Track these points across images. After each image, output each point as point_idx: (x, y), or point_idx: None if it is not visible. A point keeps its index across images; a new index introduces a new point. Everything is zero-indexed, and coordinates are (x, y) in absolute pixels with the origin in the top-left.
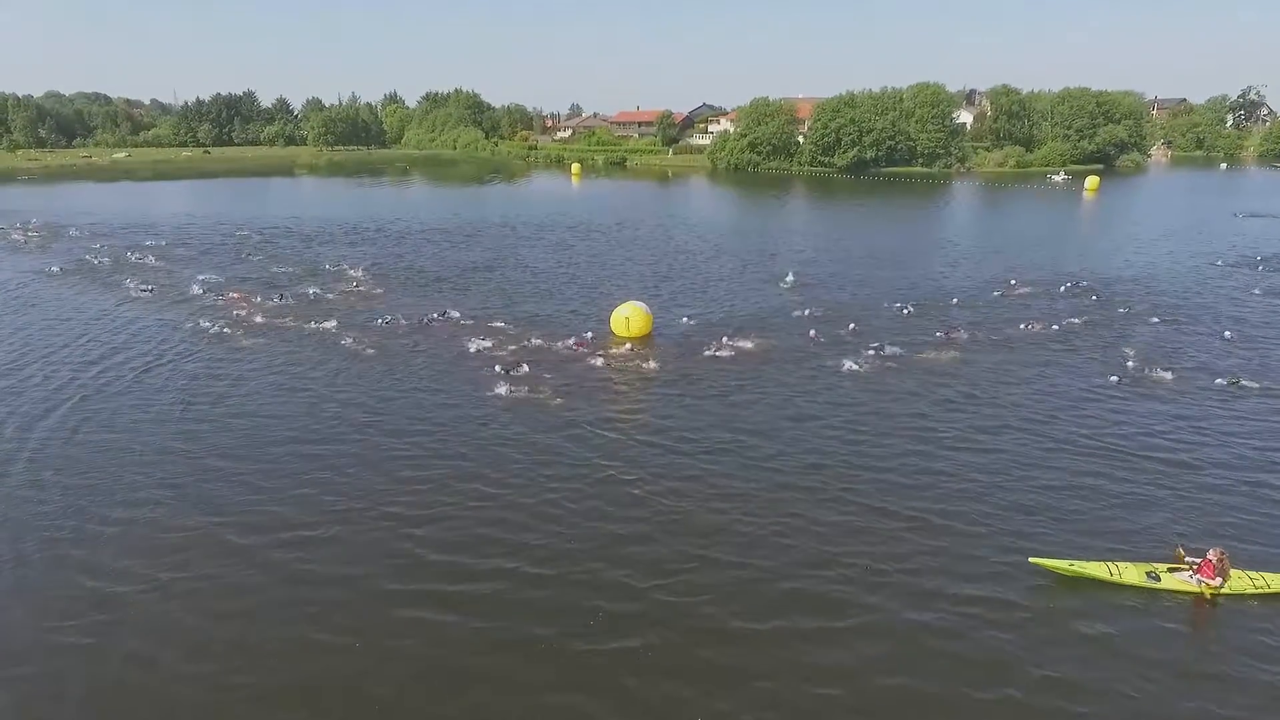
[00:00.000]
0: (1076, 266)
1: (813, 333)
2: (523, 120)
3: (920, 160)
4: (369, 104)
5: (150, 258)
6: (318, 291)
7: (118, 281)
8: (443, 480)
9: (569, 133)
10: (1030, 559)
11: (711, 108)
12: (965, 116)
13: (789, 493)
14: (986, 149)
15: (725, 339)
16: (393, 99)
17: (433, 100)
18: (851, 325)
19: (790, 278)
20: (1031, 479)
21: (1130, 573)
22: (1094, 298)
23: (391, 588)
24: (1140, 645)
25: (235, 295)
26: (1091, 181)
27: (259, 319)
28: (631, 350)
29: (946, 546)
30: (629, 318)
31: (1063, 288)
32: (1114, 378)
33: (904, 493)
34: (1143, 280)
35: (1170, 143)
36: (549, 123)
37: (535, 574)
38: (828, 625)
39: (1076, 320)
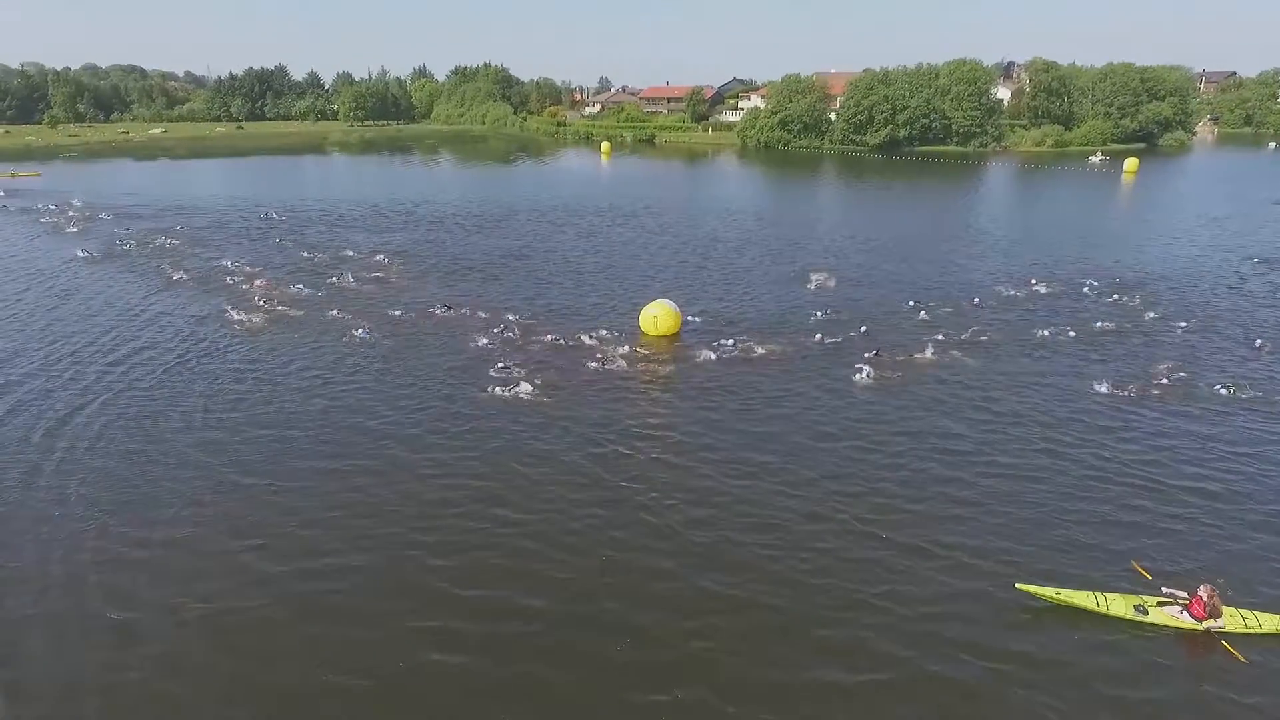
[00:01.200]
0: (1106, 261)
1: (818, 336)
2: (551, 95)
3: (955, 139)
4: (398, 78)
5: (182, 243)
6: (342, 281)
7: (149, 268)
8: (461, 502)
9: (598, 108)
10: (1017, 585)
11: (742, 82)
12: (1003, 92)
13: (819, 525)
14: (1024, 127)
15: (743, 342)
16: (422, 73)
17: (462, 75)
18: (863, 328)
19: (813, 283)
20: (1035, 508)
21: (1118, 604)
22: (1120, 298)
23: (412, 625)
24: (1122, 680)
25: (261, 284)
26: (1130, 163)
27: (283, 308)
28: (656, 352)
29: (983, 590)
30: (658, 317)
31: (1086, 287)
32: (1129, 391)
33: (906, 518)
34: (1175, 278)
35: (1217, 119)
36: (577, 96)
37: (557, 614)
38: (861, 679)
39: (1099, 325)
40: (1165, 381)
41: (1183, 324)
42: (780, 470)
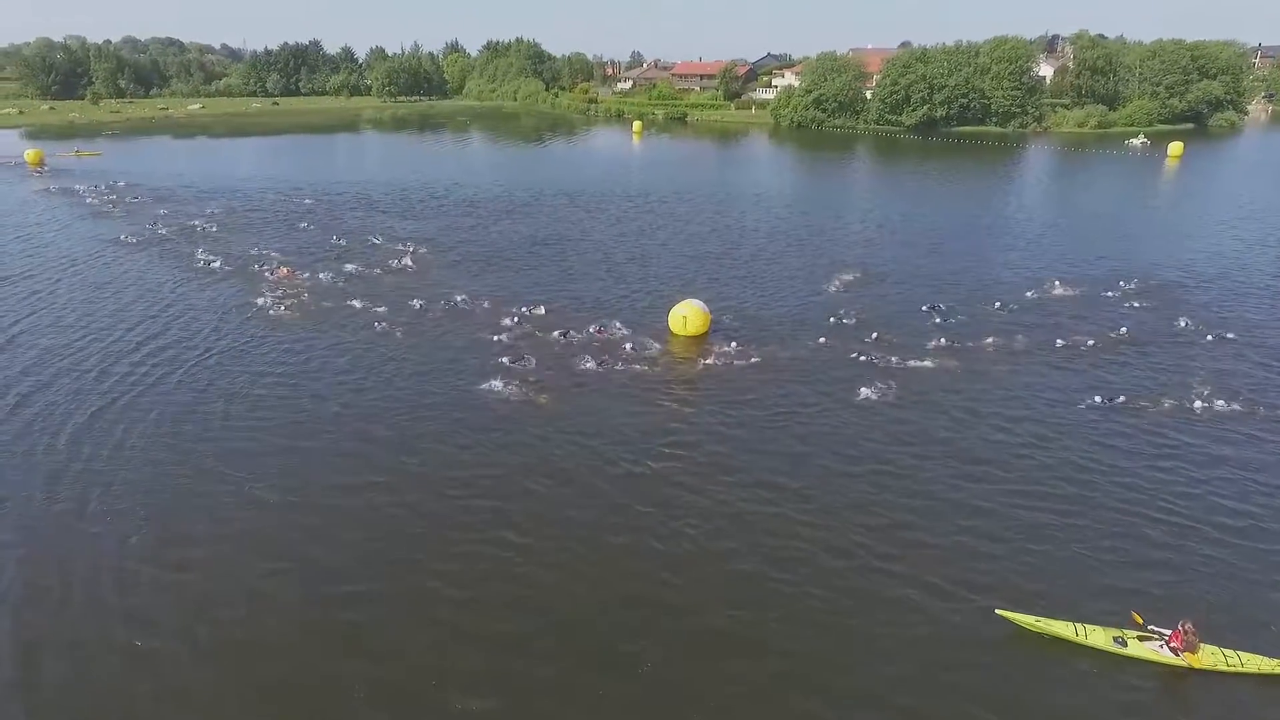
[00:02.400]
0: (1139, 258)
1: (822, 339)
2: (583, 70)
3: (994, 119)
4: (431, 54)
5: (215, 228)
6: (367, 269)
7: (182, 255)
8: (479, 526)
9: (629, 84)
10: (997, 611)
11: (776, 58)
12: (1045, 70)
13: (837, 560)
14: (1066, 107)
15: (766, 348)
16: (454, 48)
17: (494, 50)
18: (875, 335)
19: (839, 284)
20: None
21: (1097, 635)
22: (1150, 303)
23: (428, 662)
24: (1099, 714)
25: (286, 272)
26: (1175, 148)
27: (308, 297)
28: (681, 355)
29: (1021, 660)
30: (686, 317)
31: (1115, 290)
32: (1152, 411)
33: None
34: (1213, 279)
35: (1271, 96)
36: (609, 71)
37: (566, 650)
38: None
39: (1124, 333)
40: (1200, 404)
41: (1224, 335)
42: (797, 497)
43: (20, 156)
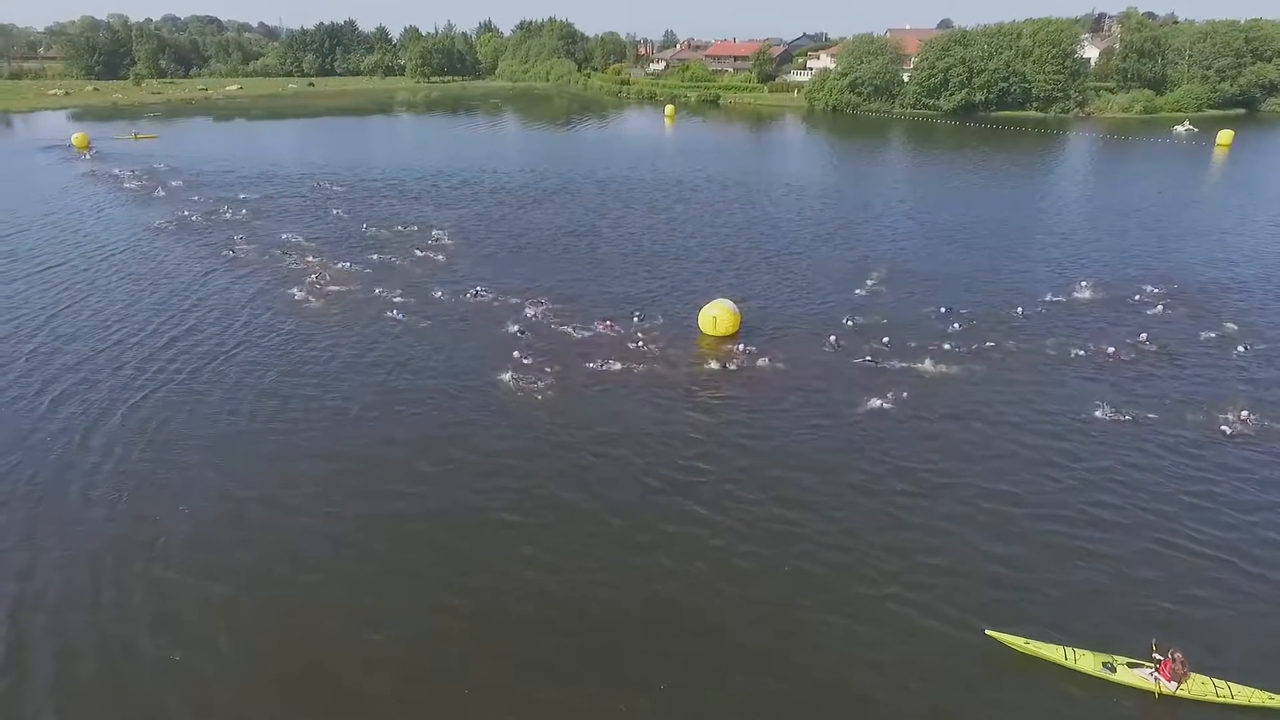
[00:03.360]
0: (1176, 258)
1: (833, 338)
2: (616, 50)
3: (1034, 104)
4: (464, 33)
5: (249, 215)
6: (396, 258)
7: (215, 242)
8: (499, 541)
9: (662, 65)
10: (987, 631)
11: (812, 38)
12: (1090, 51)
13: (848, 580)
14: (1110, 90)
15: (786, 350)
16: (487, 28)
17: (527, 30)
18: (885, 339)
19: (865, 288)
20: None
21: (1086, 660)
22: (1182, 308)
23: (449, 679)
24: None
25: (312, 260)
26: (1224, 136)
27: (335, 287)
28: (707, 359)
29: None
30: (716, 317)
31: (1141, 295)
32: (1176, 430)
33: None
34: (1249, 286)
35: None
36: (642, 50)
37: (600, 675)
38: None
39: (1143, 343)
40: (1227, 430)
41: (1258, 346)
42: (818, 517)
43: (68, 140)
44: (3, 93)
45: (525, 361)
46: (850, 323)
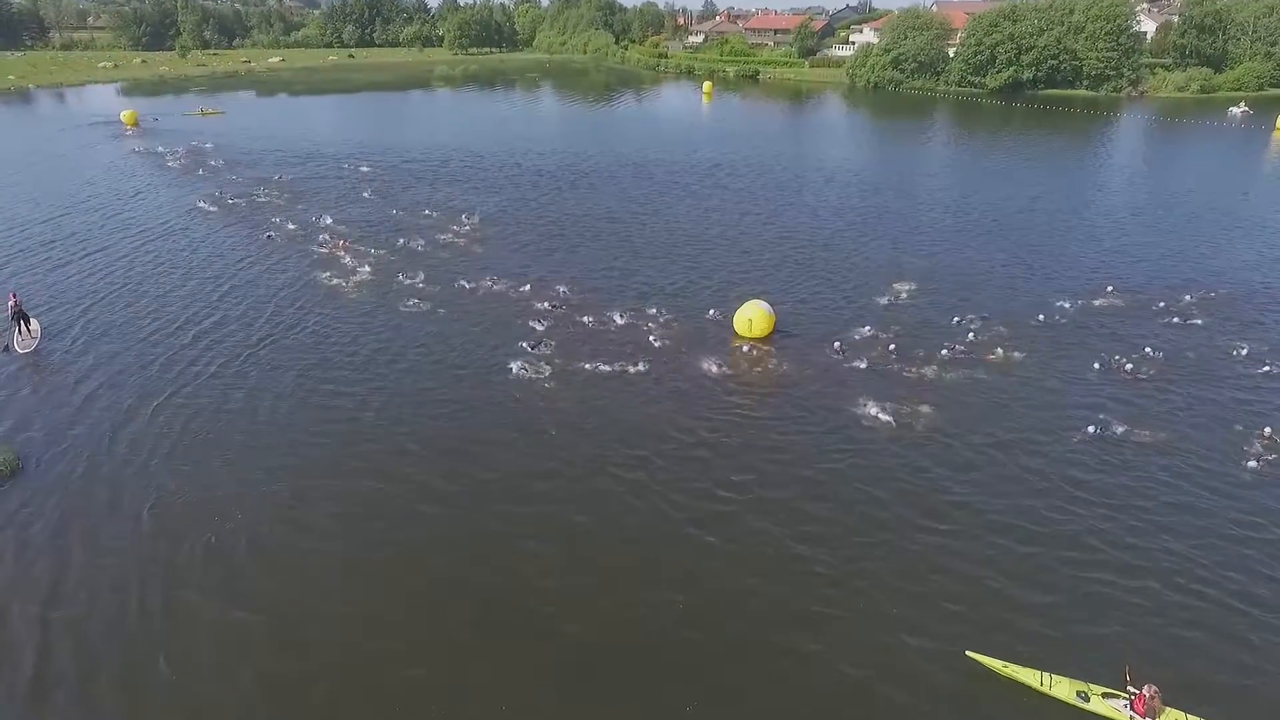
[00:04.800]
0: (1216, 261)
1: (837, 344)
2: (654, 22)
3: (1085, 82)
4: (503, 4)
5: (286, 197)
6: (425, 245)
7: (247, 226)
8: (521, 554)
9: (701, 37)
10: (966, 652)
11: (855, 9)
12: (1147, 25)
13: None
14: (1166, 68)
15: (816, 355)
16: None
17: (565, 0)
18: (892, 347)
19: (892, 296)
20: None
21: (1062, 687)
22: (1213, 318)
23: (470, 708)
24: None
25: (342, 244)
26: None
27: (364, 271)
28: (739, 359)
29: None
30: (751, 319)
31: (1169, 302)
32: (1200, 459)
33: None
34: None
35: None
36: (680, 21)
37: (621, 697)
38: None
39: (1165, 358)
40: (1255, 465)
41: (1267, 367)
42: (837, 541)
43: (117, 116)
44: (56, 65)
45: (556, 362)
46: (875, 332)
